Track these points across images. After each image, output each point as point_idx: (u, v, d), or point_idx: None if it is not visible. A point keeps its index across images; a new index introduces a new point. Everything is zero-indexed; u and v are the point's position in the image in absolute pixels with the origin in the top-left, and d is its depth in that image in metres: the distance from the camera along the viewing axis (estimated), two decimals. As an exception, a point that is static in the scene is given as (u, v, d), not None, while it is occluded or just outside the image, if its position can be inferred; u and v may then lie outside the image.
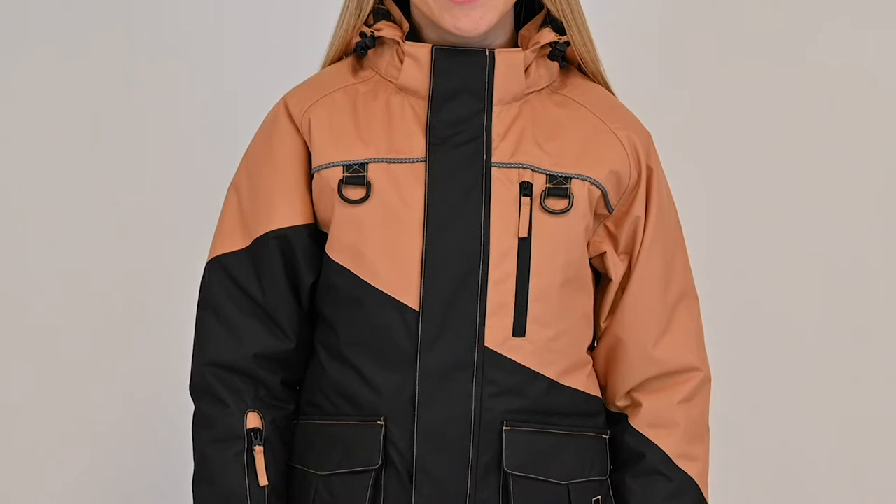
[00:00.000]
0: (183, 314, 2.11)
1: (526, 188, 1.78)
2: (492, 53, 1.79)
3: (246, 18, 2.99)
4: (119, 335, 2.96)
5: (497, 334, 1.77)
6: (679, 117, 2.93)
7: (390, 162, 1.78)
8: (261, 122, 1.89)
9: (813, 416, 3.06)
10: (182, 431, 1.95)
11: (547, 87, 1.84)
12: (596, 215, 1.84)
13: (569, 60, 1.88)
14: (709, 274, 2.19)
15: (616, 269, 1.86)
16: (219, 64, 2.98)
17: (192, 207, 2.77)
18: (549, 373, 1.79)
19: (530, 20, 1.86)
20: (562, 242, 1.79)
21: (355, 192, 1.78)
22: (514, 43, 1.85)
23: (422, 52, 1.80)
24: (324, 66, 1.90)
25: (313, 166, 1.81)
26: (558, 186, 1.79)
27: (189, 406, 1.85)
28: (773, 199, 3.04)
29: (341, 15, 1.86)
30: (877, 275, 3.04)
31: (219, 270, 1.84)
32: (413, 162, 1.78)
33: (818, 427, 3.06)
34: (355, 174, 1.78)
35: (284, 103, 1.85)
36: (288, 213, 1.82)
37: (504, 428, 1.77)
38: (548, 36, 1.81)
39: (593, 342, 1.90)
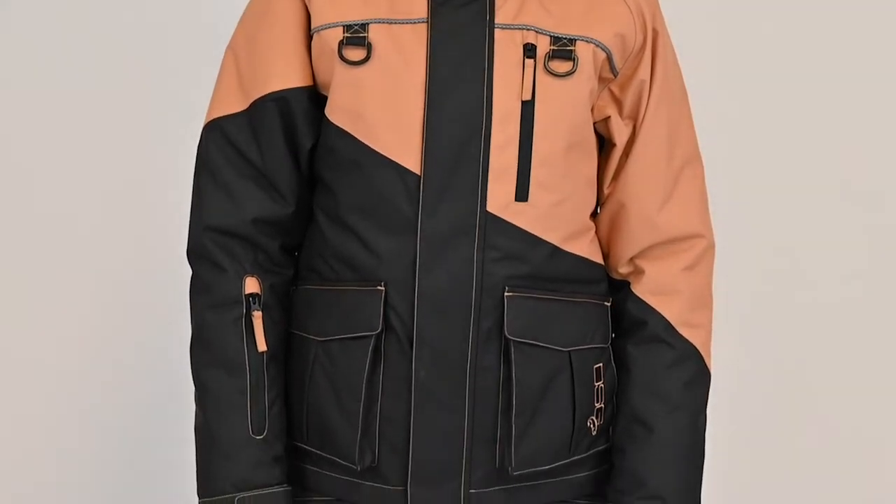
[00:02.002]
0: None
1: (530, 50, 1.74)
2: None
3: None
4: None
5: (499, 199, 1.74)
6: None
7: (391, 23, 1.74)
8: None
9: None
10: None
11: None
12: (601, 79, 1.80)
13: None
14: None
15: (620, 133, 1.83)
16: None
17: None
18: (552, 238, 1.77)
19: None
20: (566, 106, 1.76)
21: (355, 54, 1.74)
22: None
23: None
24: None
25: (312, 27, 1.77)
26: (563, 48, 1.75)
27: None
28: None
29: None
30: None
31: (216, 134, 1.81)
32: (415, 23, 1.74)
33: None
34: (355, 35, 1.74)
35: None
36: (287, 75, 1.78)
37: (506, 294, 1.75)
38: None
39: (596, 208, 1.88)
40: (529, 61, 1.74)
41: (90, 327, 2.93)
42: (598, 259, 1.85)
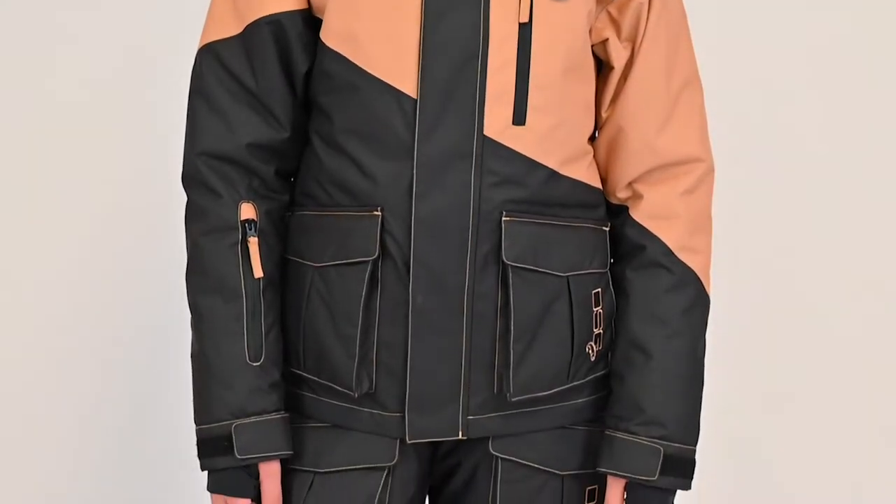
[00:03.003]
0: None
1: None
2: None
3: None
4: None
5: (497, 122, 1.72)
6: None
7: None
8: None
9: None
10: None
11: None
12: (598, 1, 1.78)
13: None
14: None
15: (618, 56, 1.81)
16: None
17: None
18: (550, 162, 1.76)
19: None
20: (564, 29, 1.74)
21: None
22: None
23: None
24: None
25: None
26: None
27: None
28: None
29: None
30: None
31: (210, 58, 1.79)
32: None
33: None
34: None
35: None
36: None
37: (503, 218, 1.73)
38: None
39: (594, 133, 1.86)
40: None
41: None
42: (597, 183, 1.84)
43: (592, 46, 1.81)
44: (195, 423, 1.79)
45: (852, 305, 3.05)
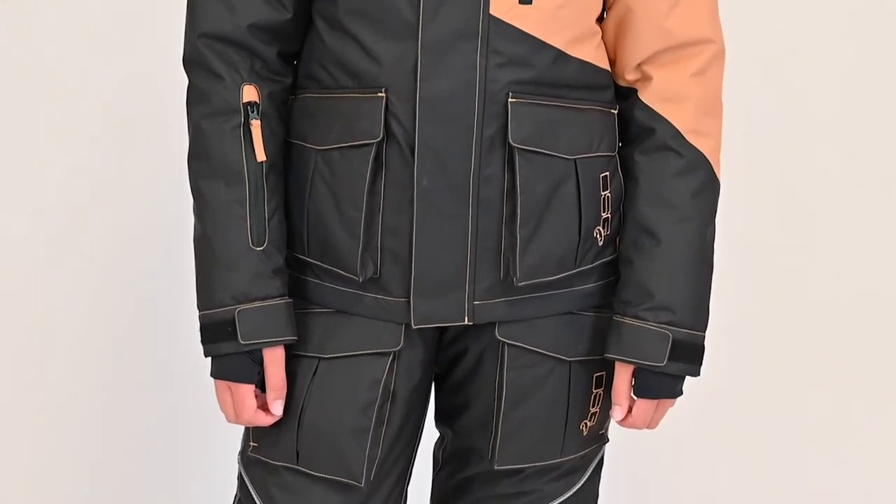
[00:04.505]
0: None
1: None
2: None
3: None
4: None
5: (503, 1, 1.69)
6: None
7: None
8: None
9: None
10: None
11: None
12: None
13: None
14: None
15: (628, -68, 1.78)
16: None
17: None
18: (557, 42, 1.72)
19: None
20: None
21: None
22: None
23: None
24: None
25: None
26: None
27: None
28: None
29: None
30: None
31: None
32: None
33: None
34: None
35: None
36: None
37: (509, 100, 1.70)
38: None
39: (603, 13, 1.82)
40: None
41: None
42: (605, 65, 1.80)
43: (600, -77, 1.78)
44: (198, 307, 1.77)
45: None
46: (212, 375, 1.78)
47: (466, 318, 1.75)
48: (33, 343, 2.92)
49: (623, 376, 1.80)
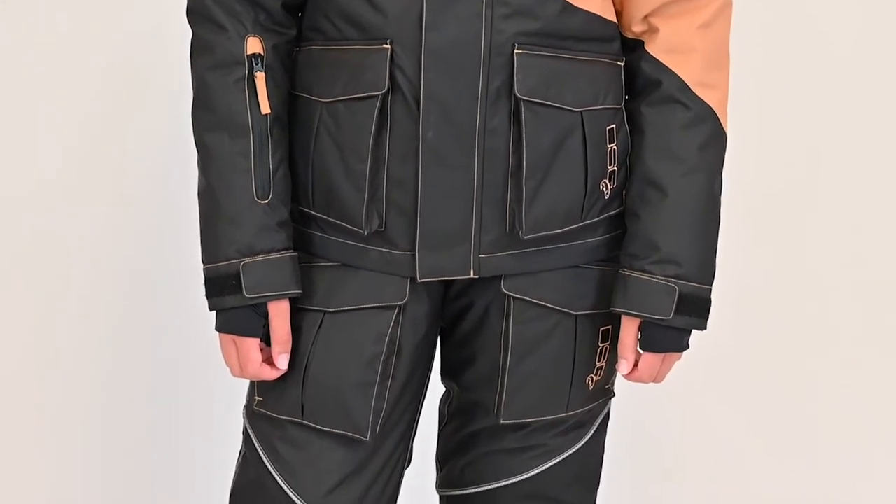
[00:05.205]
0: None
1: None
2: None
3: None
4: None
5: (509, -48, 1.68)
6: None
7: None
8: None
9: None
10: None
11: None
12: None
13: None
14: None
15: None
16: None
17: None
18: (563, -8, 1.71)
19: None
20: None
21: None
22: None
23: None
24: None
25: None
26: None
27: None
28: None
29: None
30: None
31: None
32: None
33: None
34: None
35: None
36: None
37: (515, 51, 1.69)
38: None
39: (609, -36, 1.81)
40: None
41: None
42: (611, 16, 1.79)
43: None
44: (202, 261, 1.76)
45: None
46: (216, 329, 1.78)
47: (472, 272, 1.74)
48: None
49: (629, 330, 1.80)
